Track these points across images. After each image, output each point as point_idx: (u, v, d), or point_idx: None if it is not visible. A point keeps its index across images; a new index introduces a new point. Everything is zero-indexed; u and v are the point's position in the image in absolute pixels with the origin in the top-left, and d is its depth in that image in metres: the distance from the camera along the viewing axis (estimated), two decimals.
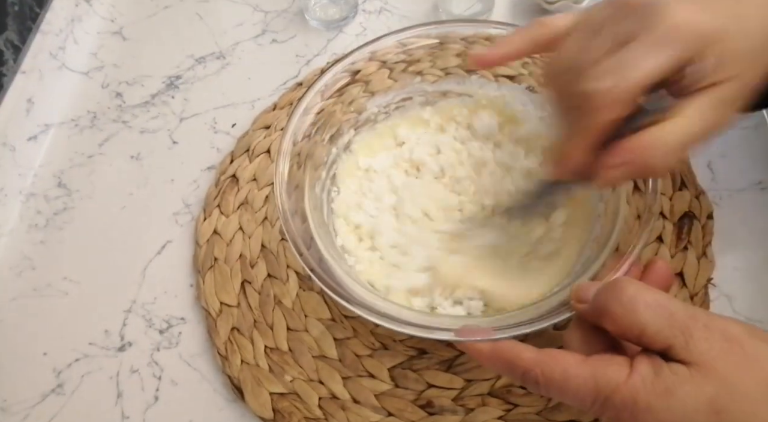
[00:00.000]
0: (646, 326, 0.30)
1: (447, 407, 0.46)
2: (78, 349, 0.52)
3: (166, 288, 0.54)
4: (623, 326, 0.31)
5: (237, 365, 0.49)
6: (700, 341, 0.29)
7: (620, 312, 0.31)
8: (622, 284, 0.32)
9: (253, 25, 0.71)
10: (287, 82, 0.65)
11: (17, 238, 0.58)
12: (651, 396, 0.29)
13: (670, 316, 0.30)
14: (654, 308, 0.31)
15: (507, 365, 0.34)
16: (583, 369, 0.31)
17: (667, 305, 0.31)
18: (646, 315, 0.30)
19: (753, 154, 0.55)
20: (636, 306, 0.31)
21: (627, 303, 0.31)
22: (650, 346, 0.31)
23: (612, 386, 0.30)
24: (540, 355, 0.33)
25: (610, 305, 0.32)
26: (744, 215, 0.52)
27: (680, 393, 0.29)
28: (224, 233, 0.55)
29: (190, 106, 0.65)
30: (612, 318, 0.32)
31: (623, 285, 0.32)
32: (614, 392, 0.30)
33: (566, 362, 0.32)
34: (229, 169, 0.58)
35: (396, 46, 0.51)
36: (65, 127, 0.65)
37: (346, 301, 0.40)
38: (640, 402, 0.29)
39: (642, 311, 0.31)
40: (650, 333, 0.30)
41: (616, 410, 0.30)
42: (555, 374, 0.32)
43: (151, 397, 0.49)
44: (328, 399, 0.47)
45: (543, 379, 0.32)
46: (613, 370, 0.30)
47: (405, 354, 0.48)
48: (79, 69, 0.69)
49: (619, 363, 0.31)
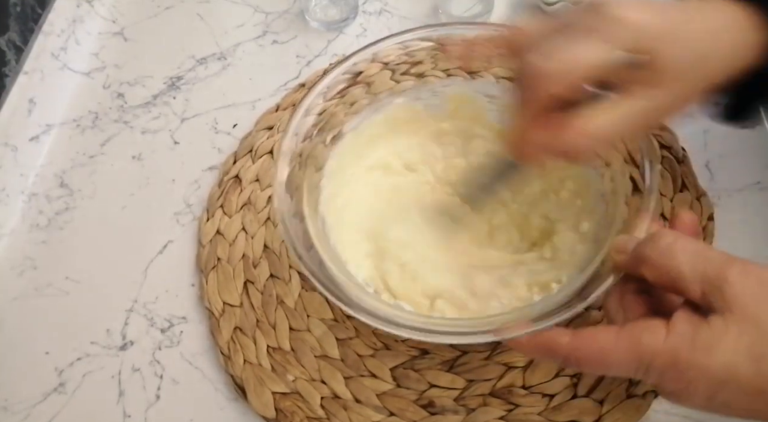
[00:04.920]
0: (683, 271, 0.31)
1: (448, 407, 0.46)
2: (79, 348, 0.52)
3: (167, 288, 0.54)
4: (660, 271, 0.32)
5: (240, 364, 0.49)
6: (735, 285, 0.30)
7: (657, 258, 0.32)
8: (660, 233, 0.33)
9: (254, 26, 0.71)
10: (288, 83, 0.65)
11: (19, 238, 0.58)
12: (691, 354, 0.30)
13: (707, 261, 0.31)
14: (690, 254, 0.31)
15: (546, 353, 0.35)
16: (619, 342, 0.32)
17: (703, 251, 0.32)
18: (682, 260, 0.31)
19: (751, 154, 0.56)
20: (673, 252, 0.32)
21: (664, 250, 0.32)
22: (685, 292, 0.31)
23: (651, 352, 0.31)
24: (575, 339, 0.33)
25: (648, 252, 0.33)
26: (743, 215, 0.53)
27: (719, 346, 0.29)
28: (227, 234, 0.55)
29: (191, 106, 0.65)
30: (650, 264, 0.33)
31: (662, 234, 0.33)
32: (654, 357, 0.31)
33: (602, 339, 0.32)
34: (232, 169, 0.58)
35: (398, 48, 0.51)
36: (67, 127, 0.65)
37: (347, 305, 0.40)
38: (682, 361, 0.30)
39: (679, 257, 0.32)
40: (687, 277, 0.31)
41: (660, 373, 0.31)
42: (594, 354, 0.32)
43: (152, 396, 0.49)
44: (330, 398, 0.47)
45: (584, 362, 0.33)
46: (649, 336, 0.31)
47: (407, 354, 0.48)
48: (80, 69, 0.69)
49: (654, 327, 0.31)
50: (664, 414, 0.45)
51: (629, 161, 0.43)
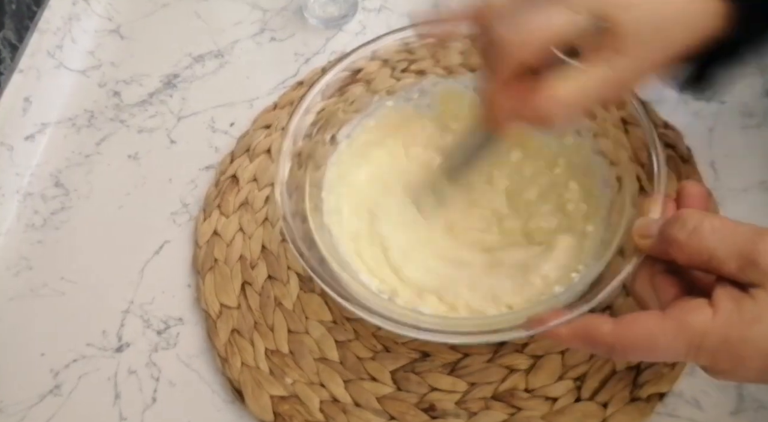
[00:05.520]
0: (715, 249, 0.31)
1: (450, 410, 0.45)
2: (75, 350, 0.51)
3: (164, 289, 0.54)
4: (691, 253, 0.32)
5: (237, 367, 0.48)
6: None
7: (686, 239, 0.32)
8: (685, 213, 0.33)
9: (251, 23, 0.70)
10: (286, 81, 0.65)
11: (14, 238, 0.58)
12: (741, 329, 0.30)
13: (737, 235, 0.31)
14: (720, 231, 0.31)
15: (589, 343, 0.34)
16: (666, 325, 0.31)
17: (732, 227, 0.32)
18: (713, 239, 0.31)
19: (756, 153, 0.55)
20: (702, 232, 0.32)
21: (692, 230, 0.32)
22: (720, 271, 0.31)
23: (701, 332, 0.30)
24: (619, 326, 0.32)
25: (676, 234, 0.33)
26: (747, 215, 0.51)
27: (767, 317, 0.30)
28: (224, 234, 0.54)
29: (188, 105, 0.65)
30: (679, 246, 0.32)
31: (687, 214, 0.33)
32: (705, 337, 0.30)
33: (648, 324, 0.32)
34: (229, 169, 0.58)
35: (397, 45, 0.50)
36: (62, 126, 0.64)
37: (349, 302, 0.39)
38: (733, 337, 0.30)
39: (708, 236, 0.31)
40: (719, 255, 0.31)
41: (712, 352, 0.30)
42: (640, 340, 0.32)
43: (149, 398, 0.49)
44: (329, 402, 0.46)
45: (631, 349, 0.32)
46: (695, 316, 0.31)
47: (407, 357, 0.48)
48: (76, 68, 0.68)
49: (699, 307, 0.31)
50: (668, 417, 0.44)
51: (634, 160, 0.43)
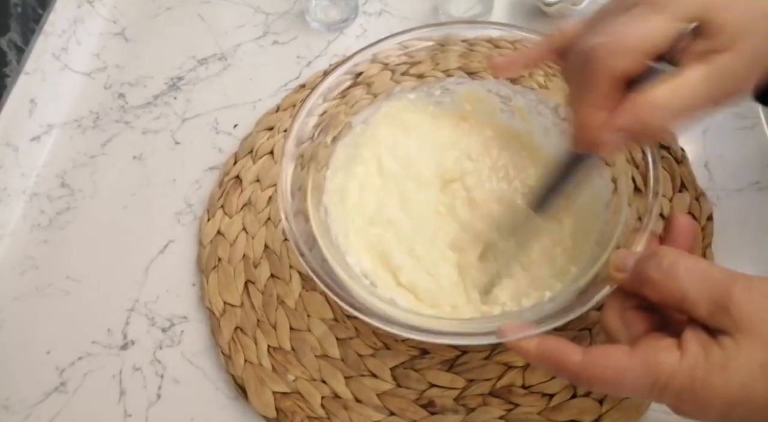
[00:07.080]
0: (688, 291, 0.31)
1: (448, 406, 0.46)
2: (81, 348, 0.52)
3: (168, 287, 0.54)
4: (664, 292, 0.32)
5: (240, 364, 0.49)
6: (740, 303, 0.30)
7: (661, 279, 0.32)
8: (661, 251, 0.33)
9: (254, 26, 0.71)
10: (288, 83, 0.66)
11: (20, 238, 0.58)
12: (705, 377, 0.29)
13: (711, 279, 0.31)
14: (694, 273, 0.31)
15: (556, 368, 0.34)
16: (634, 361, 0.31)
17: (706, 269, 0.31)
18: (686, 280, 0.31)
19: (750, 154, 0.56)
20: (676, 272, 0.31)
21: (667, 269, 0.31)
22: (691, 313, 0.31)
23: (667, 373, 0.30)
24: (588, 357, 0.32)
25: (650, 273, 0.32)
26: (741, 215, 0.53)
27: (733, 366, 0.29)
28: (228, 234, 0.55)
29: (192, 107, 0.65)
30: (653, 285, 0.32)
31: (663, 253, 0.32)
32: (671, 378, 0.30)
33: (616, 359, 0.32)
34: (233, 170, 0.59)
35: (398, 48, 0.51)
36: (68, 127, 0.65)
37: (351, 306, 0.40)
38: (697, 383, 0.30)
39: (683, 277, 0.31)
40: (692, 298, 0.30)
41: (677, 394, 0.30)
42: (607, 374, 0.32)
43: (153, 395, 0.50)
44: (330, 398, 0.47)
45: (596, 381, 0.32)
46: (664, 357, 0.31)
47: (407, 354, 0.48)
48: (81, 70, 0.69)
49: (668, 347, 0.31)
50: (663, 414, 0.44)
51: (630, 161, 0.43)
